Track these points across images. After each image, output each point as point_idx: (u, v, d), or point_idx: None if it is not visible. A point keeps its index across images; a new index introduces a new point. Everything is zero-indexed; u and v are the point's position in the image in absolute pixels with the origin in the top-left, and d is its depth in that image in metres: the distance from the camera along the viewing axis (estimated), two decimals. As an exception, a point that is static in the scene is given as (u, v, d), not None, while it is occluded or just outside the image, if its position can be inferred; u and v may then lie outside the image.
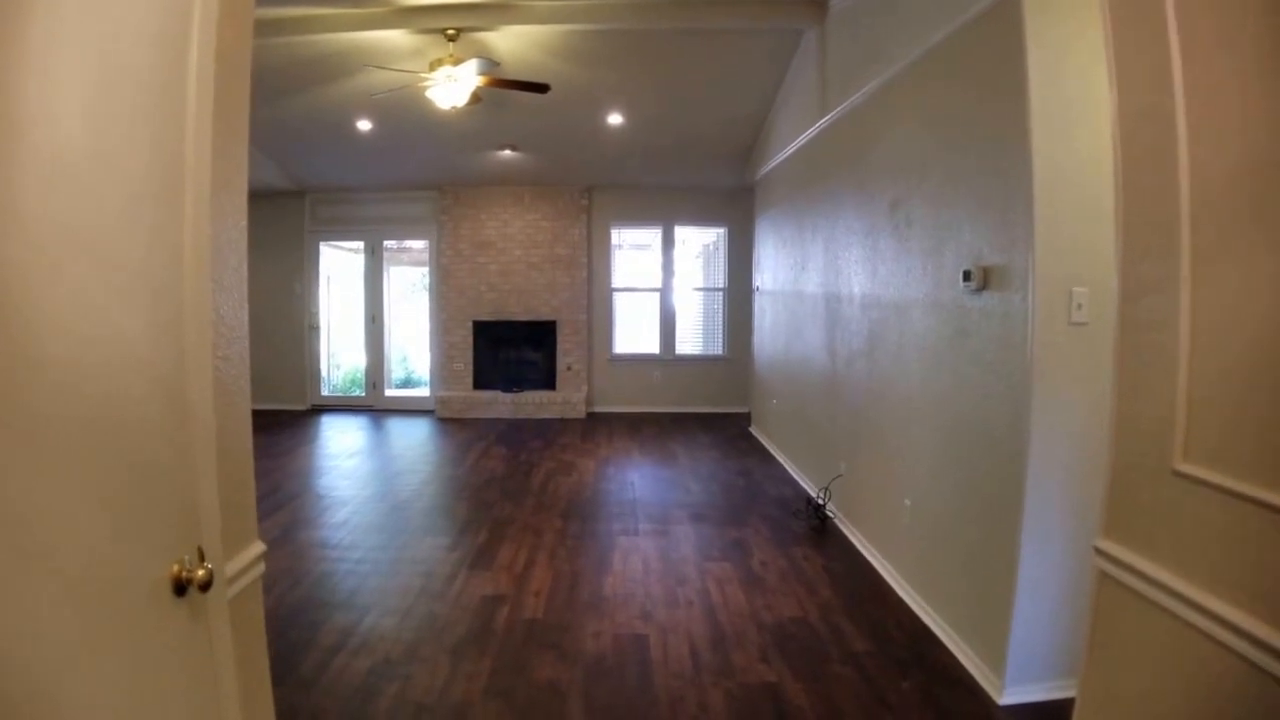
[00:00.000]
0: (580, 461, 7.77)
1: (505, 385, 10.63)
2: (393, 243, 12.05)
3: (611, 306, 10.87)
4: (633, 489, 6.76)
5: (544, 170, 9.93)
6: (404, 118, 8.03)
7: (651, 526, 5.68)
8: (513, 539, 5.39)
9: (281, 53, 6.61)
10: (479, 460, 7.89)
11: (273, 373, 11.27)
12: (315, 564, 4.90)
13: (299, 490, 6.78)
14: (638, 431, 9.38)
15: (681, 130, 8.49)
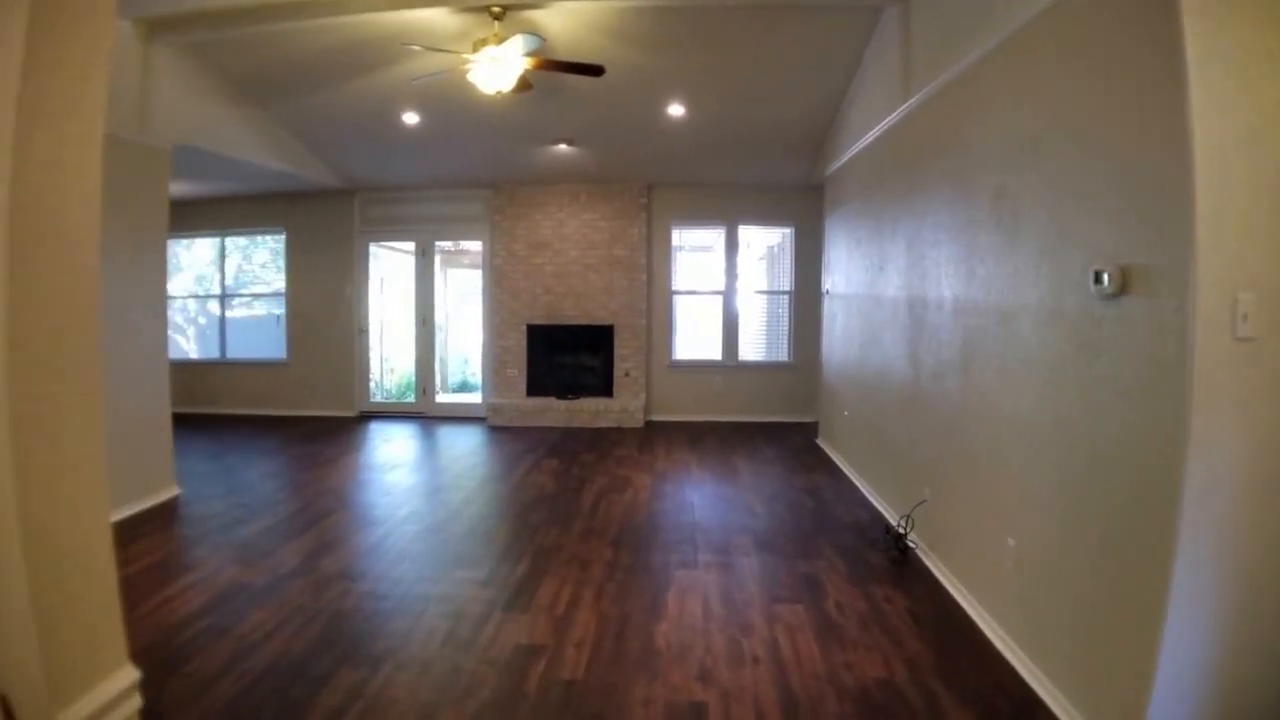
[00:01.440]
0: (636, 477, 7.23)
1: (560, 392, 10.19)
2: (450, 244, 11.79)
3: (672, 310, 10.36)
4: (692, 510, 6.18)
5: (601, 166, 9.42)
6: (451, 109, 7.59)
7: (712, 557, 5.08)
8: (556, 572, 4.83)
9: (318, 38, 6.24)
10: (527, 475, 7.40)
11: (321, 378, 11.09)
12: (333, 599, 4.41)
13: (331, 508, 6.34)
14: (698, 443, 8.82)
15: (746, 123, 7.88)
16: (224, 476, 7.66)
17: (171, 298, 11.88)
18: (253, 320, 11.76)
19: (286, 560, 5.09)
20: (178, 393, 11.45)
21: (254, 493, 6.92)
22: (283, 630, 3.99)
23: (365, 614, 4.21)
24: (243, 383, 11.49)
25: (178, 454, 8.22)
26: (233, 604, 4.37)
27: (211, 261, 11.79)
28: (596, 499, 6.48)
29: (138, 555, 5.29)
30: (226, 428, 10.35)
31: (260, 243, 11.57)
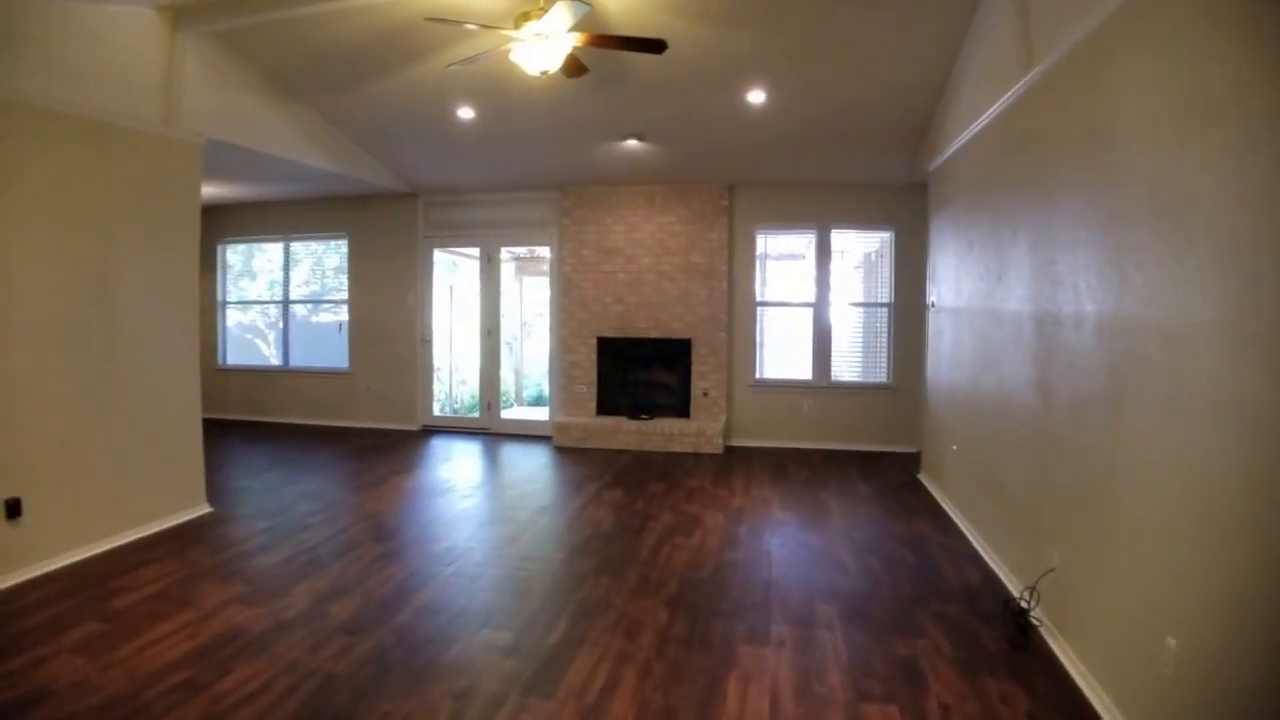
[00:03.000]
0: (707, 515, 6.43)
1: (632, 412, 9.53)
2: (524, 250, 11.37)
3: (756, 324, 9.52)
4: (768, 563, 5.32)
5: (676, 164, 8.69)
6: (506, 102, 7.09)
7: (788, 629, 4.23)
8: (596, 640, 4.09)
9: (352, 23, 5.79)
10: (585, 507, 6.74)
11: (383, 390, 10.85)
12: (329, 659, 3.91)
13: (358, 540, 5.85)
14: (782, 474, 7.96)
15: (836, 110, 7.02)
16: (261, 494, 7.36)
17: (236, 303, 11.83)
18: (316, 328, 11.61)
19: (295, 602, 4.68)
20: (240, 400, 11.63)
21: (286, 515, 6.58)
22: (262, 695, 3.55)
23: (358, 683, 3.67)
24: (305, 392, 11.36)
25: (226, 465, 8.05)
26: (220, 654, 3.98)
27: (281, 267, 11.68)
28: (658, 542, 5.74)
29: (140, 583, 5.01)
30: (284, 438, 10.22)
31: (334, 248, 11.29)
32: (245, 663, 3.87)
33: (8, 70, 4.85)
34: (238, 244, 11.75)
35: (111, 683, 3.68)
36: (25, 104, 5.00)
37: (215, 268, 11.69)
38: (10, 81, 4.87)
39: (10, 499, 4.96)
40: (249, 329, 12.07)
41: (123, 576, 5.10)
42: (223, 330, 11.87)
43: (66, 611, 4.55)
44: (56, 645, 4.09)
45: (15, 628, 4.33)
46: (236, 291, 11.97)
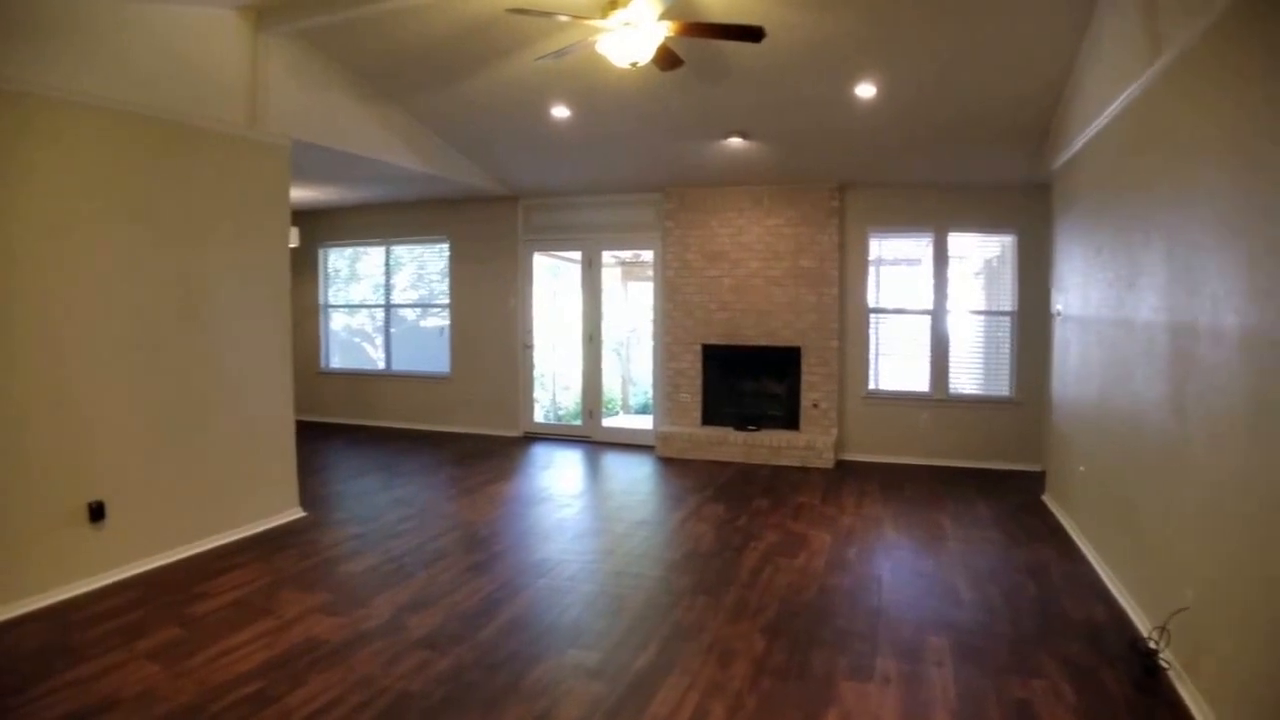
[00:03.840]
0: (813, 535, 6.24)
1: (738, 423, 9.39)
2: (628, 254, 11.39)
3: (869, 332, 9.23)
4: (877, 589, 5.10)
5: (783, 163, 8.50)
6: (602, 99, 7.07)
7: (895, 664, 4.01)
8: (686, 667, 3.96)
9: (436, 19, 5.83)
10: (685, 522, 6.65)
11: (484, 395, 10.99)
12: (404, 675, 3.90)
13: (449, 550, 5.92)
14: (896, 492, 7.68)
15: (952, 104, 6.71)
16: (356, 499, 7.55)
17: (338, 306, 12.14)
18: (419, 332, 11.86)
19: (376, 612, 4.73)
20: (342, 404, 11.97)
21: (379, 521, 6.72)
22: (330, 711, 3.56)
23: (431, 702, 3.64)
24: (406, 396, 11.60)
25: (324, 468, 8.25)
26: (295, 666, 4.03)
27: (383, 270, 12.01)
28: (760, 562, 5.59)
29: (224, 588, 5.17)
30: (384, 442, 10.46)
31: (437, 251, 11.52)
32: (318, 675, 3.91)
33: (89, 74, 5.04)
34: (341, 247, 12.04)
35: (180, 693, 3.75)
36: (109, 108, 5.19)
37: (317, 271, 11.98)
38: (92, 86, 5.06)
39: (93, 502, 5.14)
40: (356, 333, 12.41)
41: (206, 582, 5.25)
42: (326, 334, 12.19)
43: (145, 617, 4.68)
44: (130, 652, 4.20)
45: (91, 633, 4.46)
46: (342, 295, 12.31)
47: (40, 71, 4.72)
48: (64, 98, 4.88)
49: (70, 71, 4.91)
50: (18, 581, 4.76)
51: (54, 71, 4.80)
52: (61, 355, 4.96)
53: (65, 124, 4.93)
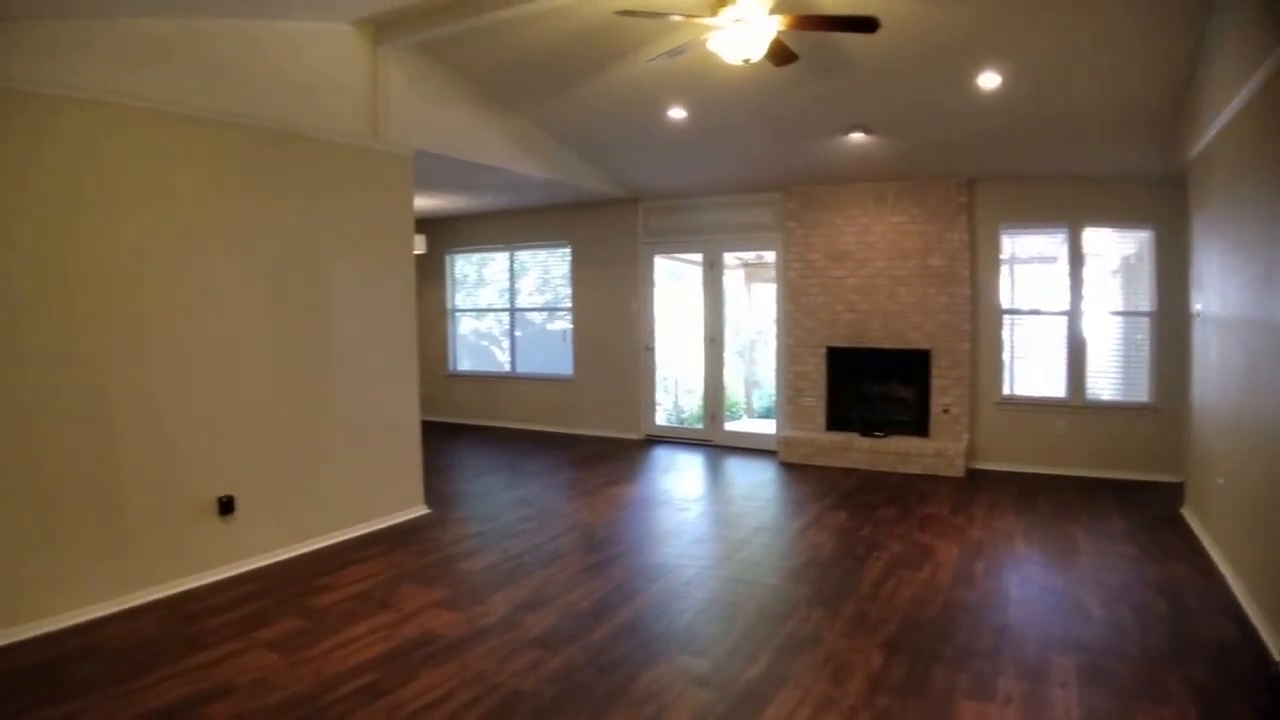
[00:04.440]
0: (940, 547, 6.09)
1: (865, 428, 9.23)
2: (751, 255, 11.44)
3: (1002, 334, 8.92)
4: (1004, 605, 4.94)
5: (907, 158, 8.31)
6: (717, 98, 7.08)
7: (1017, 684, 3.85)
8: (799, 680, 3.91)
9: (551, 25, 5.97)
10: (806, 529, 6.61)
11: (606, 398, 11.18)
12: (517, 674, 4.03)
13: (566, 550, 6.10)
14: (1029, 503, 7.41)
15: (1077, 91, 6.42)
16: (478, 498, 7.85)
17: (464, 310, 12.54)
18: (543, 335, 12.18)
19: (493, 609, 4.90)
20: (469, 405, 12.39)
21: (500, 520, 6.96)
22: (441, 706, 3.69)
23: (541, 702, 3.73)
24: (531, 398, 11.92)
25: (449, 468, 8.66)
26: (410, 659, 4.22)
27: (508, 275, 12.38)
28: (883, 574, 5.49)
29: (346, 581, 5.43)
30: (508, 443, 10.81)
31: (559, 256, 11.80)
32: (432, 670, 4.06)
33: (222, 93, 5.43)
34: (467, 253, 12.42)
35: (296, 681, 3.95)
36: (240, 124, 5.57)
37: (444, 277, 12.35)
38: (222, 103, 5.44)
39: (223, 496, 5.51)
40: (483, 336, 12.81)
41: (329, 575, 5.53)
42: (453, 337, 12.62)
43: (269, 607, 4.97)
44: (250, 640, 4.46)
45: (214, 621, 4.76)
46: (469, 300, 12.76)
47: (168, 90, 5.11)
48: (194, 114, 5.26)
49: (199, 89, 5.29)
50: (153, 570, 5.14)
51: (181, 89, 5.18)
52: (194, 358, 5.35)
53: (198, 139, 5.32)
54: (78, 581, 4.79)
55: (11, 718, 3.70)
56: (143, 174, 5.05)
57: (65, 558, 4.74)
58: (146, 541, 5.12)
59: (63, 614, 4.70)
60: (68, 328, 4.74)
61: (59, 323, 4.70)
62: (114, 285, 4.93)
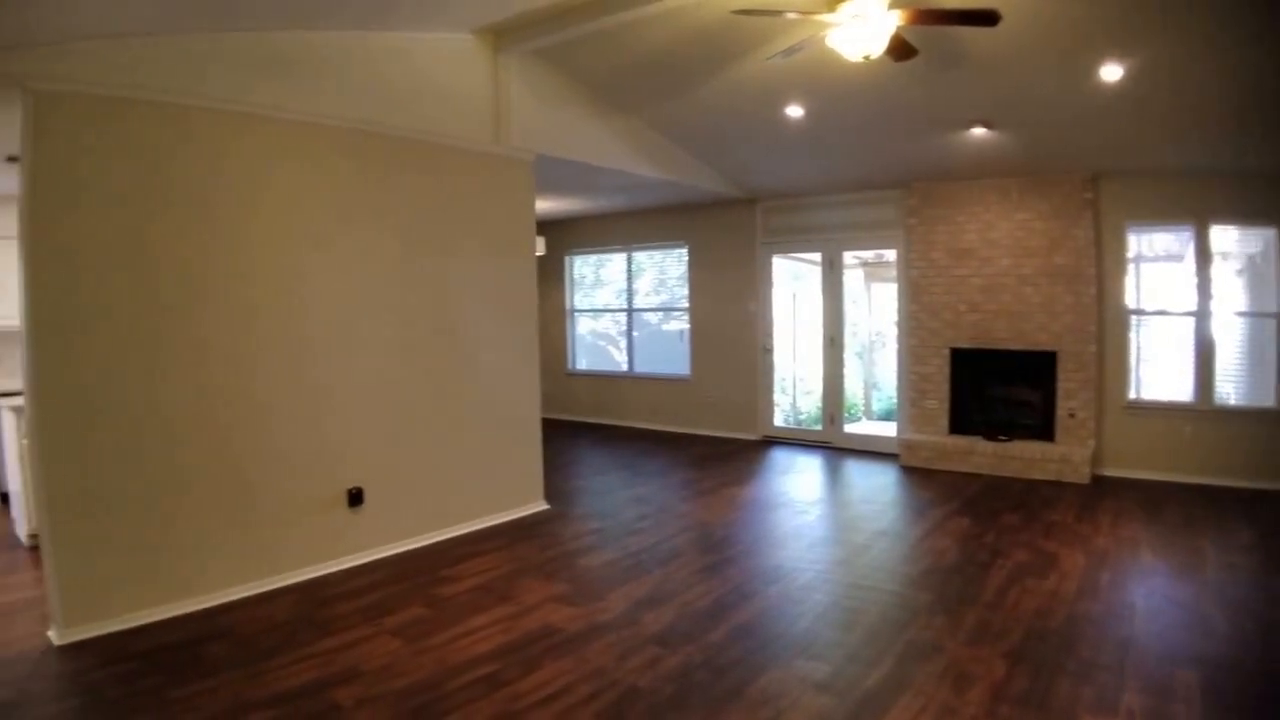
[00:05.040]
0: (1065, 556, 5.99)
1: (989, 432, 9.14)
2: (870, 254, 11.45)
3: (1129, 335, 8.69)
4: (1129, 617, 4.85)
5: (1031, 153, 8.17)
6: (836, 96, 7.08)
7: (1140, 700, 3.77)
8: (920, 689, 3.91)
9: (666, 27, 6.08)
10: (928, 535, 6.60)
11: (723, 398, 11.30)
12: (635, 670, 4.16)
13: (684, 550, 6.26)
14: (1156, 512, 7.21)
15: (1203, 84, 6.22)
16: (597, 495, 8.09)
17: (583, 310, 12.94)
18: (660, 335, 12.42)
19: (612, 606, 5.07)
20: (587, 403, 12.75)
21: (618, 518, 7.16)
22: (560, 699, 3.85)
23: (659, 700, 3.84)
24: (648, 397, 12.15)
25: (568, 464, 9.01)
26: (529, 651, 4.40)
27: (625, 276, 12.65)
28: (1006, 582, 5.44)
29: (469, 573, 5.70)
30: (625, 441, 11.05)
31: (676, 256, 12.01)
32: (551, 663, 4.23)
33: (352, 102, 5.82)
34: (585, 255, 12.75)
35: (420, 669, 4.17)
36: (368, 130, 5.93)
37: (563, 278, 12.68)
38: (356, 112, 5.84)
39: (353, 488, 5.89)
40: (601, 336, 13.14)
41: (452, 566, 5.83)
42: (573, 337, 12.99)
43: (395, 595, 5.26)
44: (378, 627, 4.74)
45: (344, 607, 5.07)
46: (587, 300, 13.08)
47: (298, 99, 5.51)
48: (321, 122, 5.65)
49: (330, 98, 5.68)
50: (282, 557, 5.53)
51: (312, 98, 5.57)
52: (327, 356, 5.75)
53: (324, 146, 5.70)
54: (213, 566, 5.15)
55: (145, 695, 3.95)
56: (277, 179, 5.45)
57: (203, 543, 5.11)
58: (279, 529, 5.50)
59: (199, 596, 5.07)
60: (209, 325, 5.12)
61: (199, 321, 5.08)
62: (249, 286, 5.30)
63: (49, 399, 4.56)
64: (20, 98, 4.42)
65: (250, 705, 3.83)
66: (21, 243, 4.53)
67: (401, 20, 5.93)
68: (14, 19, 4.14)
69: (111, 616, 4.72)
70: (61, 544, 4.57)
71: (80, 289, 4.63)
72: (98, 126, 4.64)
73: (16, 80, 4.38)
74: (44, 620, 4.77)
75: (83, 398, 4.64)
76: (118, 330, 4.76)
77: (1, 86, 4.43)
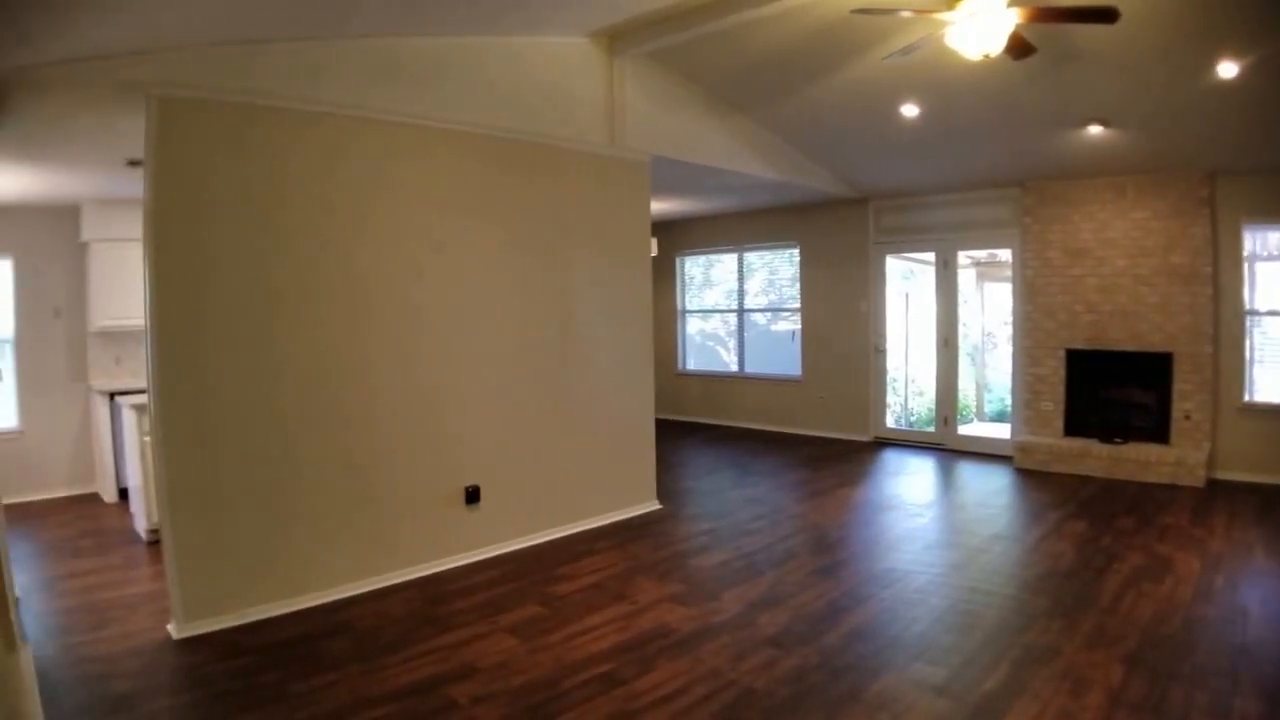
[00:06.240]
0: (1180, 560, 6.03)
1: (1105, 434, 9.18)
2: (983, 254, 11.54)
3: (1245, 336, 8.62)
4: (1243, 623, 4.86)
5: (1147, 151, 8.16)
6: (952, 94, 7.17)
7: (1254, 704, 3.80)
8: (1037, 693, 3.95)
9: (781, 28, 6.21)
10: (1044, 538, 6.68)
11: (835, 399, 11.49)
12: (750, 671, 4.27)
13: (797, 551, 6.42)
14: (1270, 516, 7.19)
15: None
16: (708, 495, 8.27)
17: (694, 311, 13.36)
18: (770, 335, 12.65)
19: (726, 607, 5.19)
20: (697, 403, 13.12)
21: (730, 518, 7.32)
22: (676, 699, 3.96)
23: (775, 701, 3.95)
24: (758, 397, 12.38)
25: (679, 464, 9.26)
26: (644, 651, 4.51)
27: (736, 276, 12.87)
28: (1122, 587, 5.49)
29: (583, 571, 5.91)
30: (735, 442, 11.25)
31: (787, 257, 12.23)
32: (667, 663, 4.35)
33: (467, 105, 6.06)
34: (696, 255, 13.13)
35: (536, 666, 4.32)
36: (486, 134, 6.22)
37: (674, 278, 13.04)
38: (471, 115, 6.09)
39: (470, 486, 6.17)
40: (710, 336, 13.46)
41: (567, 564, 6.05)
42: (683, 337, 13.38)
43: (510, 593, 5.46)
44: (493, 624, 4.91)
45: (461, 604, 5.27)
46: (697, 300, 13.41)
47: (408, 102, 5.73)
48: (435, 126, 5.92)
49: (442, 101, 5.92)
50: (401, 553, 5.76)
51: (414, 100, 5.78)
52: (445, 355, 6.02)
53: (440, 149, 5.97)
54: (331, 561, 5.37)
55: (265, 689, 4.11)
56: (393, 181, 5.69)
57: (320, 539, 5.31)
58: (396, 526, 5.71)
59: (317, 592, 5.29)
60: (326, 325, 5.35)
61: (317, 321, 5.31)
62: (366, 286, 5.54)
63: (171, 396, 4.73)
64: (145, 103, 4.60)
65: (368, 701, 3.97)
66: (145, 245, 4.68)
67: (514, 25, 6.11)
68: (138, 27, 4.34)
69: (230, 611, 4.91)
70: (182, 539, 4.76)
71: (201, 289, 4.80)
72: (217, 131, 4.84)
73: (141, 86, 4.57)
74: (164, 614, 4.95)
75: (203, 395, 4.82)
76: (238, 329, 4.94)
77: (126, 92, 4.62)
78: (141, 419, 6.41)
